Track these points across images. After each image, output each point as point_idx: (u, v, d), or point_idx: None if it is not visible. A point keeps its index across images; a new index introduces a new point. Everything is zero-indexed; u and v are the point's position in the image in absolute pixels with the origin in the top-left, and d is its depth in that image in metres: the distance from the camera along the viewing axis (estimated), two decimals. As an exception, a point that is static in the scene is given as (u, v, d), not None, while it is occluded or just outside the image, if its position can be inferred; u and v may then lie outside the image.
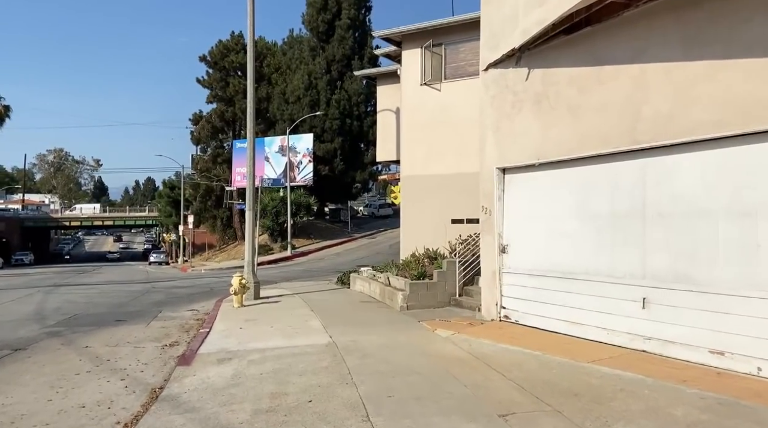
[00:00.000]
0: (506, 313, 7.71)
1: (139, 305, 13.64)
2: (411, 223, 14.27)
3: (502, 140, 7.65)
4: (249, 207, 13.14)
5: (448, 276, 10.69)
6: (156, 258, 52.39)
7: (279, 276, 22.88)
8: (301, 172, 40.68)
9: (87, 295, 16.21)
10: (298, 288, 15.51)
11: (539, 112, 6.99)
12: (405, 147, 14.44)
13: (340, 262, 29.63)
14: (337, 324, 9.07)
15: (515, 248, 7.64)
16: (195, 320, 11.05)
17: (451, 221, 13.53)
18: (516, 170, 7.58)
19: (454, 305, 10.50)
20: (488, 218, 7.97)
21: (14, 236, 66.25)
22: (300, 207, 38.15)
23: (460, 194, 13.44)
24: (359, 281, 14.13)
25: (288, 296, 13.49)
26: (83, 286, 19.90)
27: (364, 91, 42.88)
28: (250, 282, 12.80)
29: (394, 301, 10.72)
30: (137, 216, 78.14)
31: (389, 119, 17.27)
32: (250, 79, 13.07)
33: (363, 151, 44.96)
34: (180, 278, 24.55)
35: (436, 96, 13.73)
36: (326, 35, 43.01)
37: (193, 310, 12.60)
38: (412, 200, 14.24)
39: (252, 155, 13.31)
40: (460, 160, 13.46)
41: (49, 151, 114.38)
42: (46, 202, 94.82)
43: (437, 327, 8.23)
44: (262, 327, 9.09)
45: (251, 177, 13.04)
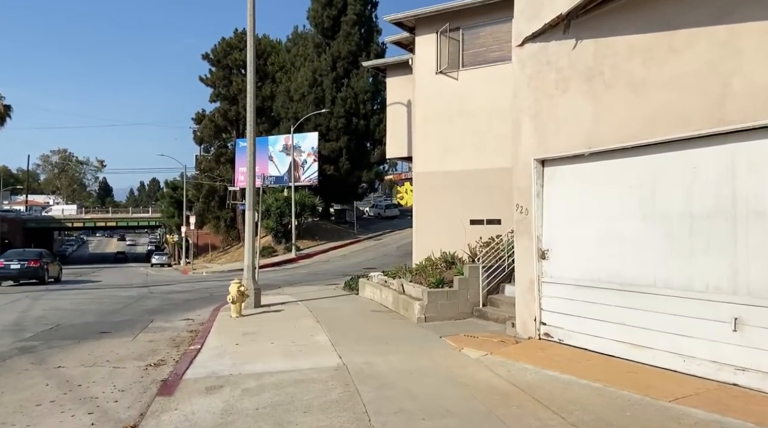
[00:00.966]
0: (547, 330, 6.55)
1: (130, 314, 12.55)
2: (425, 224, 13.12)
3: (542, 126, 6.50)
4: (249, 206, 12.03)
5: (470, 284, 9.53)
6: (158, 260, 51.48)
7: (282, 280, 21.80)
8: (306, 171, 39.63)
9: (77, 301, 15.14)
10: (303, 294, 14.38)
11: (591, 91, 5.83)
12: (418, 142, 13.30)
13: (347, 264, 28.52)
14: (346, 339, 7.93)
15: (558, 254, 6.48)
16: (188, 332, 9.94)
17: (470, 222, 12.38)
18: (559, 162, 6.42)
19: (477, 316, 9.34)
20: (524, 218, 6.81)
21: (17, 238, 65.49)
22: (304, 208, 37.06)
23: (479, 192, 12.29)
24: (369, 288, 13.00)
25: (291, 304, 12.37)
26: (77, 290, 18.85)
27: (371, 89, 41.77)
28: (249, 289, 11.68)
29: (409, 311, 9.57)
30: (140, 217, 77.29)
31: (400, 112, 16.13)
32: (250, 75, 11.97)
33: (369, 150, 43.82)
34: (179, 282, 23.49)
35: (453, 86, 12.58)
36: (331, 31, 41.92)
37: (188, 320, 11.50)
38: (425, 199, 13.10)
39: (252, 150, 12.20)
40: (478, 155, 12.31)
41: (53, 151, 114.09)
42: (51, 203, 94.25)
43: (464, 344, 7.08)
44: (261, 343, 7.95)
45: (252, 173, 11.94)
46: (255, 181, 11.98)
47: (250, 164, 12.05)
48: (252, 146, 12.15)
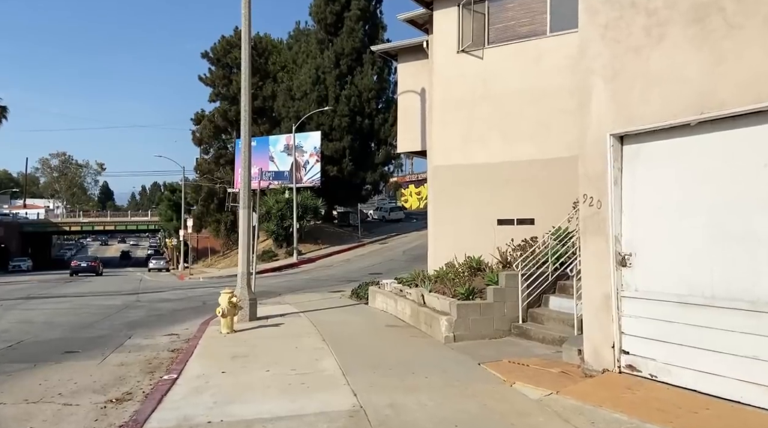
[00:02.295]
0: (631, 361, 4.93)
1: (107, 327, 10.96)
2: (444, 224, 11.52)
3: (624, 90, 4.91)
4: (243, 204, 10.44)
5: (506, 295, 7.92)
6: (155, 264, 49.88)
7: (283, 286, 20.21)
8: (308, 172, 38.08)
9: (53, 312, 13.56)
10: (305, 304, 12.78)
11: (702, 36, 4.25)
12: (436, 132, 11.71)
13: (351, 270, 26.91)
14: (360, 365, 6.33)
15: (645, 260, 4.87)
16: (169, 351, 8.35)
17: (497, 221, 10.77)
18: (648, 137, 4.83)
19: (516, 334, 7.72)
20: (595, 213, 5.21)
21: (13, 242, 64.10)
22: (306, 210, 35.47)
23: (507, 187, 10.70)
24: (381, 297, 11.39)
25: (292, 316, 10.76)
26: (57, 299, 17.27)
27: (376, 87, 40.27)
28: (244, 299, 10.08)
29: (434, 328, 7.95)
30: (139, 221, 75.77)
31: (413, 102, 14.55)
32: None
33: (374, 151, 42.27)
34: (172, 289, 21.90)
35: (477, 66, 11.01)
36: (335, 27, 40.46)
37: (173, 335, 9.91)
38: (445, 196, 11.50)
39: (247, 140, 10.64)
40: (507, 145, 10.72)
41: (52, 154, 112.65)
42: (51, 207, 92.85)
43: (514, 376, 5.47)
44: (253, 370, 6.34)
45: (246, 165, 10.36)
46: (250, 174, 10.41)
47: (244, 155, 10.48)
48: (247, 136, 10.58)
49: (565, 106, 10.13)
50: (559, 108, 10.16)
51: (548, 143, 10.30)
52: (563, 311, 7.50)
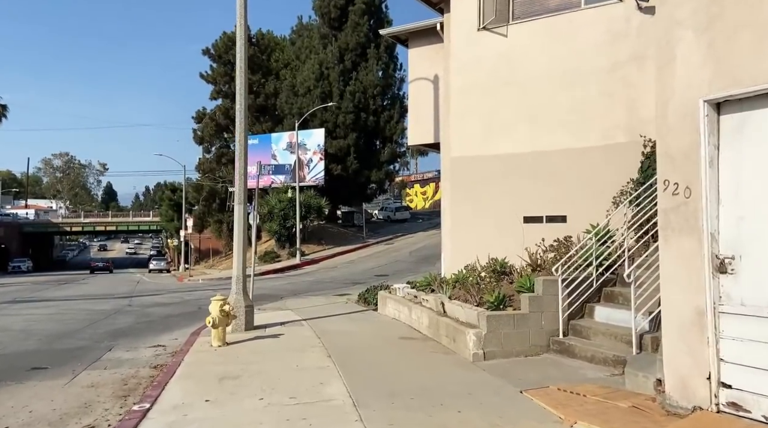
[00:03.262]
0: (735, 398, 3.75)
1: (88, 337, 9.84)
2: (462, 222, 10.34)
3: (724, 41, 3.75)
4: (239, 200, 9.31)
5: (544, 304, 6.74)
6: (156, 265, 48.87)
7: (285, 289, 19.10)
8: (312, 171, 36.97)
9: (33, 318, 12.46)
10: (308, 310, 11.64)
11: None
12: (454, 120, 10.54)
13: (356, 271, 25.77)
14: (375, 392, 5.17)
15: (755, 265, 3.69)
16: (151, 368, 7.23)
17: (524, 219, 9.60)
18: (760, 102, 3.66)
19: (557, 351, 6.54)
20: (682, 203, 4.04)
21: (13, 242, 63.25)
22: (310, 210, 34.32)
23: (535, 181, 9.52)
24: (392, 303, 10.23)
25: (294, 325, 9.61)
26: (44, 303, 16.19)
27: (381, 83, 39.12)
28: (239, 307, 8.95)
29: (459, 343, 6.79)
30: (141, 221, 74.81)
31: (425, 91, 13.39)
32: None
33: (379, 149, 41.11)
34: (169, 292, 20.80)
35: (501, 45, 9.83)
36: (338, 22, 39.35)
37: (158, 347, 8.79)
38: (464, 191, 10.33)
39: (243, 129, 9.51)
40: (535, 134, 9.54)
41: (54, 155, 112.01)
42: (54, 207, 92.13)
43: (572, 412, 4.31)
44: (244, 399, 5.19)
45: (242, 153, 9.22)
46: (246, 165, 9.26)
47: (239, 145, 9.34)
48: (243, 122, 9.44)
49: (603, 88, 8.96)
50: (596, 91, 9.00)
51: (582, 130, 9.12)
52: (614, 324, 6.33)
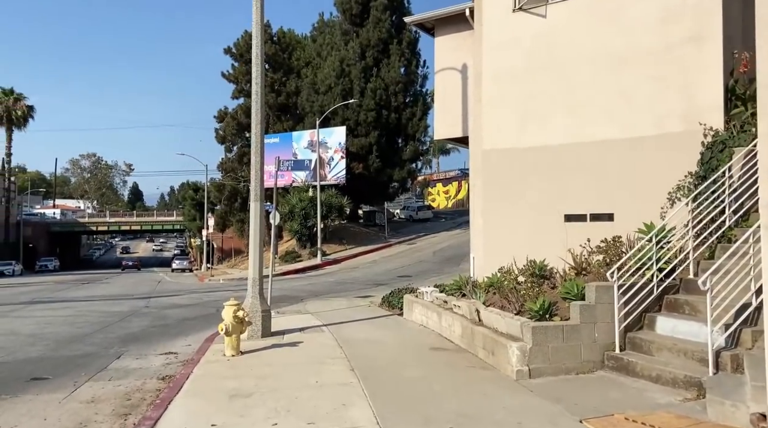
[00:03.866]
0: None
1: (98, 342, 9.33)
2: (497, 221, 9.53)
3: None
4: (254, 196, 8.68)
5: (597, 314, 5.91)
6: (178, 265, 48.98)
7: (305, 290, 18.52)
8: (333, 169, 36.41)
9: (47, 321, 12.07)
10: (329, 314, 10.98)
11: None
12: (487, 110, 9.73)
13: (378, 272, 25.07)
14: (406, 418, 4.44)
15: None
16: (158, 379, 6.63)
17: (565, 217, 8.74)
18: None
19: (613, 368, 5.71)
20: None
21: (40, 242, 64.41)
22: (331, 209, 33.74)
23: (577, 175, 8.67)
24: (419, 309, 9.48)
25: (314, 332, 8.94)
26: (62, 303, 15.88)
27: (403, 80, 38.32)
28: (255, 312, 8.31)
29: (499, 357, 6.00)
30: (164, 221, 75.48)
31: (452, 81, 12.59)
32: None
33: (401, 147, 40.31)
34: (188, 292, 20.41)
35: (538, 26, 8.99)
36: (360, 18, 38.68)
37: (170, 354, 8.21)
38: (497, 187, 9.51)
39: (260, 121, 8.88)
40: (577, 123, 8.69)
41: (82, 155, 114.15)
42: (82, 207, 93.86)
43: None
44: (255, 424, 4.52)
45: (258, 146, 8.58)
46: (263, 158, 8.62)
47: (255, 137, 8.71)
48: (259, 113, 8.81)
49: (655, 72, 8.06)
50: (647, 75, 8.11)
51: (631, 119, 8.23)
52: (681, 338, 5.47)
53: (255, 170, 8.65)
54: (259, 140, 8.61)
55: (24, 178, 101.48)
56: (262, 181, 8.72)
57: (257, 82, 8.79)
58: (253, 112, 8.80)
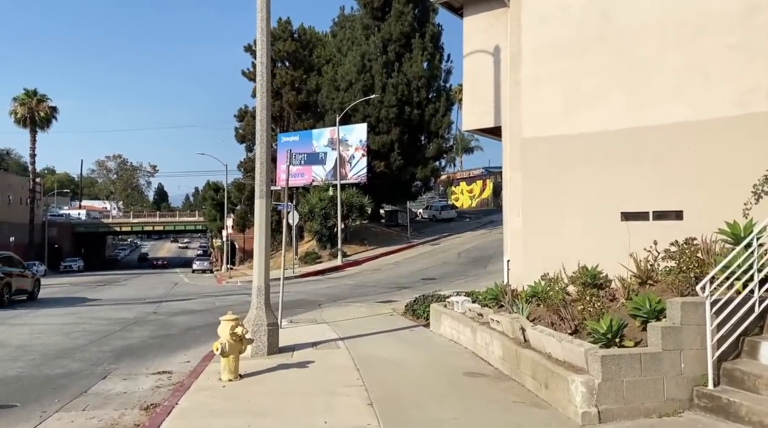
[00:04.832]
0: None
1: (88, 357, 8.35)
2: (539, 220, 8.24)
3: None
4: (260, 192, 7.56)
5: (683, 338, 4.61)
6: (198, 266, 48.66)
7: (324, 294, 17.46)
8: (354, 168, 35.31)
9: (42, 329, 11.21)
10: (348, 324, 9.85)
11: None
12: (527, 91, 8.45)
13: (401, 274, 23.89)
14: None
15: None
16: (141, 410, 5.56)
17: (622, 216, 7.41)
18: None
19: (706, 408, 4.41)
20: None
21: (65, 242, 65.09)
22: (352, 208, 32.68)
23: (637, 165, 7.33)
24: (449, 321, 8.25)
25: (328, 348, 7.79)
26: (67, 309, 15.08)
27: (426, 75, 37.02)
28: (260, 326, 7.21)
29: (555, 390, 4.74)
30: (187, 221, 75.68)
31: (483, 64, 11.29)
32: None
33: (424, 144, 39.01)
34: (202, 296, 19.55)
35: (589, -8, 7.67)
36: (382, 12, 37.54)
37: (163, 373, 7.16)
38: (540, 181, 8.22)
39: (266, 105, 7.78)
40: (637, 104, 7.35)
41: (108, 157, 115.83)
42: (108, 208, 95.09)
43: None
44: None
45: (264, 124, 7.47)
46: (269, 142, 7.50)
47: (260, 124, 7.60)
48: (266, 97, 7.70)
49: (736, 40, 6.68)
50: (726, 44, 6.73)
51: (705, 97, 6.87)
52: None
53: (260, 162, 7.53)
54: (264, 126, 7.50)
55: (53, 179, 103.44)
56: (269, 174, 7.61)
57: (262, 62, 7.69)
58: (258, 93, 7.70)
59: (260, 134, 7.53)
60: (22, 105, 48.77)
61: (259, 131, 7.51)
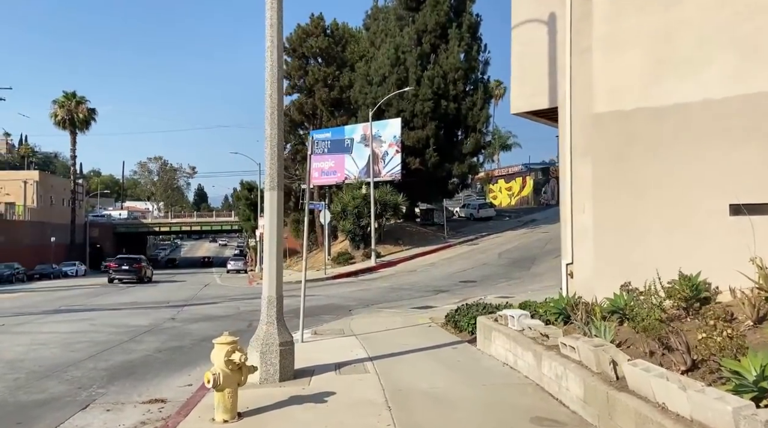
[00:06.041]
0: None
1: (77, 377, 7.21)
2: (615, 215, 6.59)
3: None
4: (271, 183, 6.22)
5: None
6: (233, 266, 48.31)
7: (356, 297, 16.15)
8: (387, 165, 33.91)
9: (44, 339, 10.27)
10: (380, 337, 8.44)
11: None
12: (599, 56, 6.81)
13: (437, 276, 22.35)
14: None
15: None
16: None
17: (731, 209, 5.71)
18: None
19: None
20: None
21: (107, 242, 66.35)
22: (386, 207, 31.24)
23: (749, 144, 5.61)
24: (502, 340, 6.70)
25: (354, 373, 6.38)
26: (82, 314, 14.27)
27: (463, 66, 35.22)
28: (270, 345, 5.87)
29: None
30: (223, 221, 76.15)
31: (535, 36, 9.68)
32: None
33: (461, 139, 37.22)
34: (228, 299, 18.53)
35: (684, -76, 5.99)
36: (416, 2, 35.99)
37: (156, 402, 5.93)
38: (616, 167, 6.57)
39: (277, 71, 6.41)
40: (747, 65, 5.63)
41: (149, 159, 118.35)
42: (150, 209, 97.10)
43: None
44: None
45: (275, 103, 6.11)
46: (281, 122, 6.15)
47: (271, 100, 6.24)
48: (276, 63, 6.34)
49: None
50: None
51: None
52: None
53: (271, 145, 6.18)
54: (276, 100, 6.14)
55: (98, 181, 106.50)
56: (281, 160, 6.25)
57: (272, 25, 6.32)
58: (268, 55, 6.32)
59: (271, 108, 6.16)
60: (62, 107, 49.63)
61: (269, 107, 6.14)
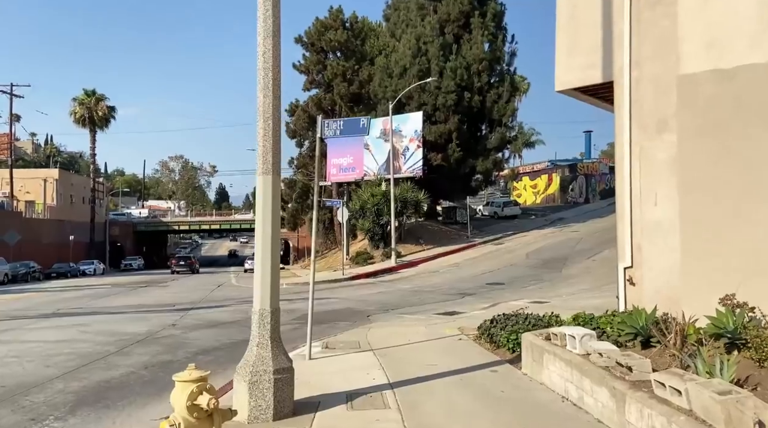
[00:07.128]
0: None
1: (40, 400, 5.98)
2: (714, 208, 5.06)
3: None
4: (264, 167, 4.85)
5: None
6: (250, 265, 47.24)
7: (374, 301, 14.84)
8: (408, 161, 32.47)
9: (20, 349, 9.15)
10: (402, 353, 7.05)
11: None
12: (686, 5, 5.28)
13: (463, 277, 20.88)
14: None
15: None
16: None
17: None
18: None
19: None
20: None
21: (127, 241, 66.27)
22: (406, 205, 29.82)
23: None
24: (558, 366, 5.23)
25: (371, 407, 4.99)
26: (76, 318, 13.17)
27: (487, 57, 33.59)
28: (262, 373, 4.52)
29: None
30: (242, 220, 75.64)
31: None
32: None
33: (485, 134, 35.60)
34: (240, 301, 17.35)
35: None
36: (438, -10, 34.54)
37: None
38: (715, 142, 5.04)
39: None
40: None
41: (171, 157, 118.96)
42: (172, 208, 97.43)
43: None
44: None
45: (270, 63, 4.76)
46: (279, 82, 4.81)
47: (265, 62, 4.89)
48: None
49: None
50: None
51: None
52: None
53: (264, 118, 4.82)
54: (270, 59, 4.77)
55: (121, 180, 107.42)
56: (277, 137, 4.89)
57: None
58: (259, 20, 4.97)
59: (264, 70, 4.78)
60: (81, 105, 49.39)
61: (261, 68, 4.77)
